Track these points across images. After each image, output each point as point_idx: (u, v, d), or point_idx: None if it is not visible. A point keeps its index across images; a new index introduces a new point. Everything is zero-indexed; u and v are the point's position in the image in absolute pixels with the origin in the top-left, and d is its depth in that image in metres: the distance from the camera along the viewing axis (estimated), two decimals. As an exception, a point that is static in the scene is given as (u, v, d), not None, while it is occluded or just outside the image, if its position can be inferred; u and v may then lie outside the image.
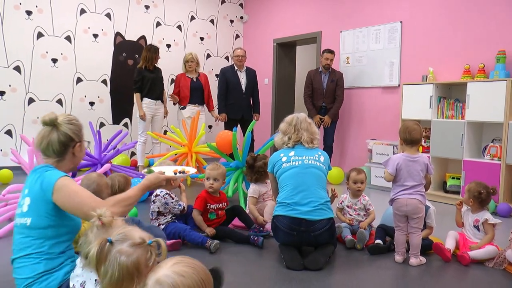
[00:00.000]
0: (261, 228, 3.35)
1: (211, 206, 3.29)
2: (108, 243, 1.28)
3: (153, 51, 5.79)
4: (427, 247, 2.97)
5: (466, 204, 3.06)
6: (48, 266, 1.81)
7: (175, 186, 3.30)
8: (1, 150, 5.92)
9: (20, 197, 1.92)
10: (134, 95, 5.83)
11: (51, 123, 1.93)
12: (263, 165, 3.57)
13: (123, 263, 1.25)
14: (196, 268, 1.08)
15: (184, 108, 6.01)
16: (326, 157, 3.02)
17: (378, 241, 3.05)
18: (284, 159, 2.95)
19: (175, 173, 2.37)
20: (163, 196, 3.19)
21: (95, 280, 1.62)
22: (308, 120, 3.10)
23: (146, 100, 5.82)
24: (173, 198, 3.21)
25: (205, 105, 6.25)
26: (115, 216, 1.52)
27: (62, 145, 1.93)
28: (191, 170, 2.47)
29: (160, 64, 6.00)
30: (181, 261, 1.09)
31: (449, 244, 2.96)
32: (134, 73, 5.91)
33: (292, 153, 2.96)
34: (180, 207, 3.21)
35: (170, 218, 3.21)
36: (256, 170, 3.60)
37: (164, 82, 6.14)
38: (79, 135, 2.00)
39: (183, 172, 2.42)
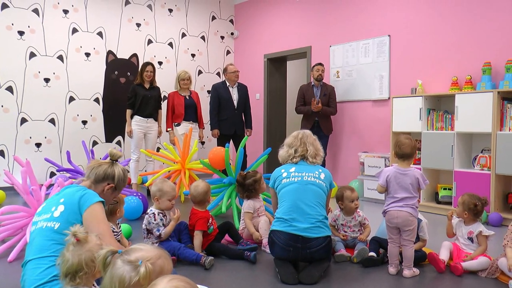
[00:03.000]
0: (248, 242, 3.36)
1: (209, 221, 3.32)
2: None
3: (142, 66, 5.88)
4: (421, 259, 3.01)
5: (460, 217, 3.08)
6: None
7: (170, 207, 3.27)
8: (-7, 171, 5.90)
9: (49, 204, 2.11)
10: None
11: (114, 159, 2.34)
12: (253, 182, 3.62)
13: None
14: (190, 283, 1.13)
15: (178, 125, 6.03)
16: (327, 174, 3.03)
17: (371, 253, 3.07)
18: (284, 174, 3.00)
19: None
20: (150, 214, 3.14)
21: None
22: (314, 136, 3.16)
23: (136, 117, 5.82)
24: (155, 220, 3.11)
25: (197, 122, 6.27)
26: None
27: (103, 177, 2.25)
28: None
29: (152, 81, 6.03)
30: (176, 277, 1.14)
31: (444, 255, 2.99)
32: (127, 90, 5.96)
33: (293, 169, 3.00)
34: (157, 232, 3.09)
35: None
36: (246, 188, 3.65)
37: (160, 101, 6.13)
38: (119, 185, 2.31)
39: None
